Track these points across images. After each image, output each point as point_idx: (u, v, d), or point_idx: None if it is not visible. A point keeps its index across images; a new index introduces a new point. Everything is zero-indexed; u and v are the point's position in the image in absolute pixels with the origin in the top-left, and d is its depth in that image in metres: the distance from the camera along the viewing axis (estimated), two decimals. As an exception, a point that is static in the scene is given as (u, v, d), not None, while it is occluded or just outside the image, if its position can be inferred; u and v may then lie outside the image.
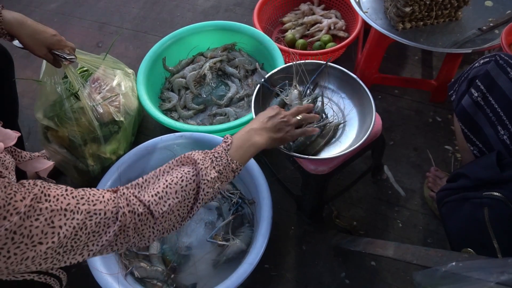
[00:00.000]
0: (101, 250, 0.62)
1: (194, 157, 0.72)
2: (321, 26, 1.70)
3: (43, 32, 1.01)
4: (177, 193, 0.68)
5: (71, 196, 0.59)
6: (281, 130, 0.86)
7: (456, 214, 0.85)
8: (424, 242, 1.19)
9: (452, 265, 0.61)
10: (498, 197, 0.75)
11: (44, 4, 2.14)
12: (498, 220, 0.75)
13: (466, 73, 0.92)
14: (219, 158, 0.74)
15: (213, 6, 2.01)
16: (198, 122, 1.45)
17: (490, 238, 0.76)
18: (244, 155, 0.78)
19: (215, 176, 0.72)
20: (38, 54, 1.02)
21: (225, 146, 0.77)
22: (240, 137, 0.80)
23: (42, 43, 1.01)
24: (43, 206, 0.54)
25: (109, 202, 0.62)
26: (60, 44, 1.05)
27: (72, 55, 1.08)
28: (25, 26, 0.97)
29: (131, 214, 0.63)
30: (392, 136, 1.42)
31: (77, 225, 0.57)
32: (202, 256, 1.12)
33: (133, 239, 0.65)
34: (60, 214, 0.56)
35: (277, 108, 0.89)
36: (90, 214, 0.59)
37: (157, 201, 0.66)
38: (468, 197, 0.82)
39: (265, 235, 1.01)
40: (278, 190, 1.29)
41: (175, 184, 0.68)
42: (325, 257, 1.18)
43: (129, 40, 1.90)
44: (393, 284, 1.12)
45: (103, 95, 1.24)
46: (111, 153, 1.28)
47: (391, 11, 1.30)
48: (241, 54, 1.59)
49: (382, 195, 1.29)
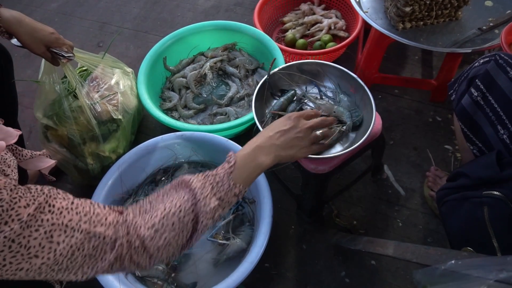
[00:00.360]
0: (96, 274, 0.60)
1: (192, 185, 0.67)
2: (322, 26, 1.70)
3: (41, 30, 1.01)
4: (174, 225, 0.64)
5: (75, 211, 0.57)
6: (293, 148, 0.77)
7: (456, 213, 0.85)
8: (424, 241, 1.19)
9: (452, 263, 0.61)
10: (498, 196, 0.75)
11: (45, 4, 2.15)
12: (498, 219, 0.75)
13: (466, 72, 0.92)
14: (220, 183, 0.68)
15: (214, 6, 2.02)
16: (199, 121, 1.45)
17: (490, 237, 0.76)
18: (249, 177, 0.71)
19: (216, 205, 0.67)
20: (36, 52, 1.03)
21: (227, 168, 0.70)
22: (245, 156, 0.72)
23: (40, 41, 1.01)
24: (45, 217, 0.53)
25: (110, 227, 0.60)
26: (58, 42, 1.05)
27: (70, 53, 1.08)
28: (23, 24, 0.98)
29: (128, 245, 0.61)
30: (392, 135, 1.43)
31: (74, 244, 0.55)
32: (202, 255, 1.12)
33: (128, 268, 0.63)
34: (61, 230, 0.54)
35: (294, 119, 0.78)
36: (90, 235, 0.57)
37: (152, 235, 0.63)
38: (468, 196, 0.82)
39: (265, 234, 1.02)
40: (279, 189, 1.29)
41: (172, 215, 0.64)
42: (325, 256, 1.18)
43: (130, 40, 1.90)
44: (393, 283, 1.12)
45: (101, 94, 1.25)
46: (111, 151, 1.28)
47: (391, 11, 1.30)
48: (241, 54, 1.59)
49: (382, 194, 1.30)
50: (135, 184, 1.25)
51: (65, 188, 1.38)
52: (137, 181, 1.26)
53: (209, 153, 1.27)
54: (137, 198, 1.21)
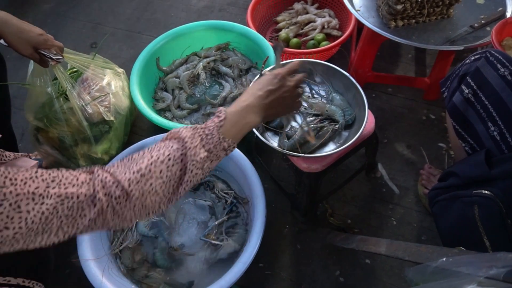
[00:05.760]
0: (78, 232, 0.59)
1: (182, 134, 0.67)
2: (315, 25, 1.70)
3: (29, 31, 1.00)
4: (161, 173, 0.64)
5: (41, 179, 0.56)
6: (280, 106, 0.79)
7: (447, 213, 0.85)
8: (418, 239, 1.19)
9: (443, 260, 0.61)
10: (488, 195, 0.75)
11: (37, 5, 2.13)
12: (488, 218, 0.75)
13: (458, 69, 0.92)
14: (209, 136, 0.68)
15: (207, 6, 2.01)
16: (192, 121, 1.45)
17: (481, 236, 0.76)
18: (238, 133, 0.72)
19: (205, 156, 0.67)
20: (24, 53, 1.01)
21: (217, 122, 0.70)
22: (235, 113, 0.72)
23: (27, 42, 0.99)
24: (8, 190, 0.52)
25: (83, 185, 0.59)
26: (47, 43, 1.04)
27: (58, 55, 1.07)
28: (9, 24, 0.96)
29: (107, 198, 0.60)
30: (386, 134, 1.43)
31: (46, 210, 0.55)
32: (196, 255, 1.12)
33: (112, 222, 0.62)
34: (28, 198, 0.53)
35: (281, 79, 0.79)
36: (62, 198, 0.56)
37: (138, 179, 0.62)
38: (459, 195, 0.83)
39: (258, 234, 1.01)
40: (272, 189, 1.29)
41: (161, 163, 0.64)
42: (319, 256, 1.18)
43: (123, 41, 1.89)
44: (387, 281, 1.12)
45: (93, 95, 1.24)
46: (103, 153, 1.27)
47: (383, 9, 1.30)
48: (234, 54, 1.59)
49: (376, 193, 1.30)
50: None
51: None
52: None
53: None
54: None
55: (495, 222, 0.74)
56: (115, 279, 1.03)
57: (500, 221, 0.73)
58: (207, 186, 1.22)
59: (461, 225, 0.81)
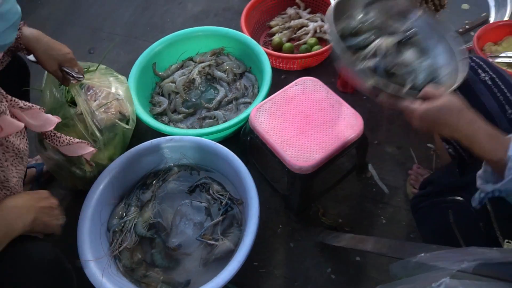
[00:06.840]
0: None
1: None
2: (307, 30, 1.74)
3: (58, 49, 1.07)
4: None
5: None
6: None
7: (428, 219, 0.90)
8: (407, 237, 1.24)
9: (421, 256, 0.65)
10: (460, 200, 0.80)
11: (35, 11, 2.17)
12: (461, 222, 0.80)
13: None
14: None
15: (203, 11, 2.05)
16: (188, 125, 1.49)
17: (458, 239, 0.81)
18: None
19: None
20: (49, 69, 1.08)
21: None
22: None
23: (54, 59, 1.06)
24: None
25: None
26: (71, 62, 1.11)
27: (80, 74, 1.13)
28: (41, 41, 1.04)
29: None
30: (377, 135, 1.47)
31: None
32: (191, 253, 1.15)
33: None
34: None
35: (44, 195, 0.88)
36: None
37: None
38: (436, 202, 0.88)
39: (252, 233, 1.05)
40: (266, 190, 1.33)
41: None
42: (311, 254, 1.22)
43: (120, 46, 1.93)
44: (377, 278, 1.16)
45: (99, 102, 1.28)
46: (108, 159, 1.30)
47: (372, 15, 1.34)
48: (229, 58, 1.63)
49: (366, 192, 1.34)
50: (126, 188, 1.28)
51: (57, 192, 1.40)
52: (129, 185, 1.29)
53: (198, 156, 1.30)
54: (128, 202, 1.24)
55: (468, 226, 0.79)
56: (114, 279, 1.06)
57: (473, 224, 0.78)
58: (203, 188, 1.26)
59: (439, 230, 0.86)
